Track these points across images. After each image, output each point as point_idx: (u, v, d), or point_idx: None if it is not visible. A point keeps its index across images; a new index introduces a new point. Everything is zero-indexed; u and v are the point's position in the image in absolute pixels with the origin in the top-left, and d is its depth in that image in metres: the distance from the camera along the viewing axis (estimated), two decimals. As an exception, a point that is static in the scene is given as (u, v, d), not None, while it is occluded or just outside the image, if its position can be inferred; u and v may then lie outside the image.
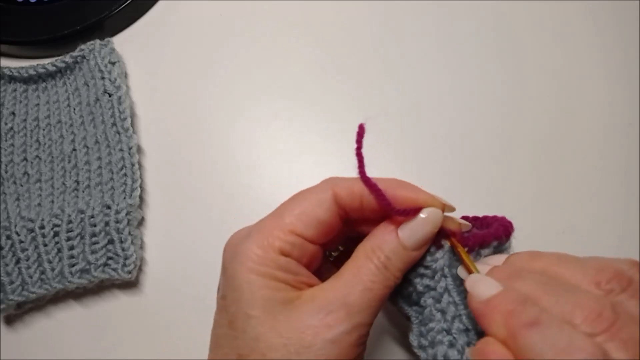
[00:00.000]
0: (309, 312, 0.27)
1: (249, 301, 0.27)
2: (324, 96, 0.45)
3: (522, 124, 0.43)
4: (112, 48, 0.45)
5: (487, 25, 0.47)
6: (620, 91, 0.44)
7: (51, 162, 0.42)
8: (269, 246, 0.28)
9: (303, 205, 0.29)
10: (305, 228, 0.28)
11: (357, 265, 0.28)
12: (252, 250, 0.28)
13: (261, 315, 0.27)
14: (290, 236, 0.28)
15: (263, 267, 0.27)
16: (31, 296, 0.38)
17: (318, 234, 0.29)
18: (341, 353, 0.26)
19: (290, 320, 0.26)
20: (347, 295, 0.27)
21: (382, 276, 0.28)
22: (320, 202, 0.29)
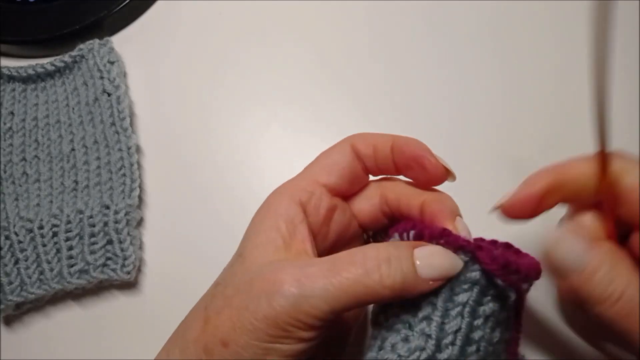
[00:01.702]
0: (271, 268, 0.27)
1: (247, 241, 0.30)
2: (324, 96, 0.45)
3: (521, 125, 0.43)
4: (111, 47, 0.45)
5: (485, 25, 0.46)
6: (621, 91, 0.44)
7: (50, 162, 0.42)
8: (288, 196, 0.30)
9: (324, 157, 0.31)
10: (327, 177, 0.30)
11: (346, 253, 0.27)
12: (274, 199, 0.30)
13: (246, 256, 0.29)
14: (311, 185, 0.30)
15: (274, 216, 0.29)
16: (30, 297, 0.38)
17: (341, 180, 0.31)
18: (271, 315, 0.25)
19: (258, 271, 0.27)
20: (310, 267, 0.26)
21: (362, 270, 0.25)
22: (340, 150, 0.31)
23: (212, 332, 0.27)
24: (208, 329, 0.27)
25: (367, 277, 0.25)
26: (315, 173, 0.31)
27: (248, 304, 0.26)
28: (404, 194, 0.31)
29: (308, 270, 0.25)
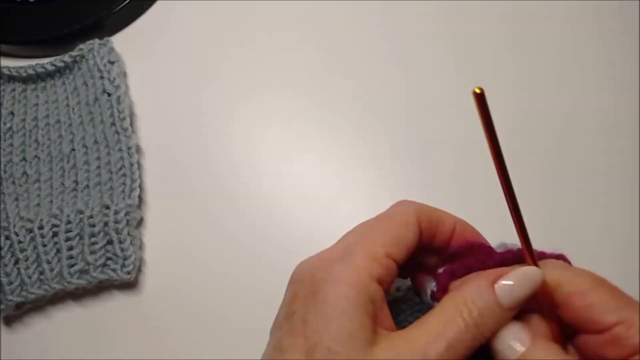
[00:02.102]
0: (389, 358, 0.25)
1: (335, 334, 0.25)
2: (325, 96, 0.45)
3: (527, 125, 0.43)
4: (111, 47, 0.45)
5: (491, 26, 0.46)
6: (623, 92, 0.44)
7: (50, 162, 0.42)
8: (369, 272, 0.26)
9: (394, 226, 0.28)
10: (398, 251, 0.27)
11: (445, 317, 0.26)
12: (351, 274, 0.26)
13: (342, 352, 0.25)
14: (386, 260, 0.27)
15: (358, 294, 0.26)
16: (30, 297, 0.38)
17: (405, 257, 0.28)
18: None
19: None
20: (427, 349, 0.25)
21: (469, 335, 0.25)
22: (409, 225, 0.28)
23: None
24: None
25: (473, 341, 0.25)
26: (387, 244, 0.27)
27: None
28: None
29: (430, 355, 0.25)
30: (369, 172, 0.43)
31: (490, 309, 0.26)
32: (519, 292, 0.26)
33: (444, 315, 0.26)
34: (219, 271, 0.40)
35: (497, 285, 0.26)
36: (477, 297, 0.26)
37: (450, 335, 0.25)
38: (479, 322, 0.25)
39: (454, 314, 0.26)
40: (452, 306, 0.26)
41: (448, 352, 0.25)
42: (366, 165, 0.43)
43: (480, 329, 0.25)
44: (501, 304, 0.26)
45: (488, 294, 0.26)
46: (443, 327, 0.25)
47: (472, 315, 0.25)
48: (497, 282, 0.26)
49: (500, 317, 0.26)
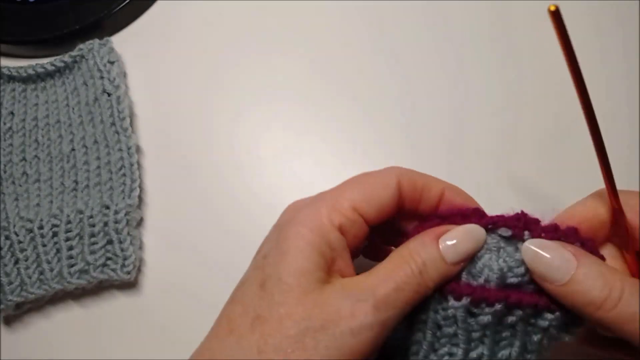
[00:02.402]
0: (338, 296, 0.26)
1: (289, 268, 0.27)
2: (325, 96, 0.45)
3: (522, 123, 0.43)
4: (111, 47, 0.45)
5: (486, 25, 0.46)
6: (621, 91, 0.44)
7: (50, 162, 0.42)
8: (329, 218, 0.28)
9: (369, 184, 0.29)
10: (367, 207, 0.29)
11: (392, 265, 0.27)
12: (310, 218, 0.28)
13: (294, 285, 0.26)
14: (351, 212, 0.28)
15: (316, 237, 0.27)
16: (30, 297, 0.38)
17: (377, 216, 0.29)
18: (357, 346, 0.26)
19: (318, 299, 0.26)
20: (377, 288, 0.26)
21: (415, 280, 0.27)
22: (386, 186, 0.29)
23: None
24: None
25: (418, 287, 0.27)
26: (356, 199, 0.29)
27: (328, 342, 0.25)
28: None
29: (377, 294, 0.26)
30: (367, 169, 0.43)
31: (434, 262, 0.27)
32: (462, 249, 0.27)
33: (391, 263, 0.28)
34: (219, 271, 0.40)
35: (441, 240, 0.27)
36: (421, 249, 0.27)
37: (397, 278, 0.27)
38: (423, 271, 0.27)
39: (401, 262, 0.27)
40: (398, 256, 0.28)
41: (395, 292, 0.26)
42: (366, 165, 0.43)
43: (424, 277, 0.27)
44: (444, 259, 0.27)
45: (431, 247, 0.27)
46: (391, 271, 0.27)
47: (417, 263, 0.27)
48: (442, 237, 0.28)
49: (445, 270, 0.27)
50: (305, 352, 0.25)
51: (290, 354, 0.25)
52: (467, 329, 0.27)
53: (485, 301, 0.27)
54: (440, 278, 0.27)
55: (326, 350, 0.25)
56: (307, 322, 0.26)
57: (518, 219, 0.28)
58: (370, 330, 0.26)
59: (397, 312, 0.26)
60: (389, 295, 0.26)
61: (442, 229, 0.28)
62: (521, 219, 0.28)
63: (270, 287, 0.27)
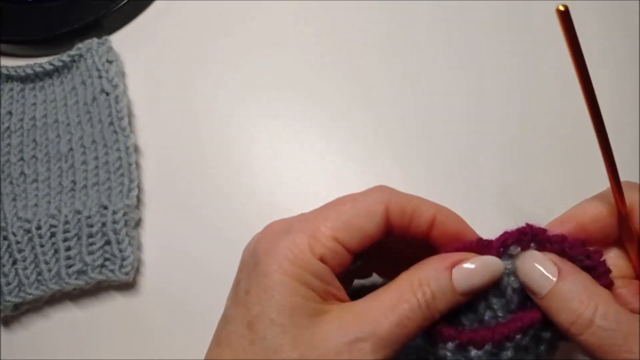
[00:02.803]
0: (334, 332, 0.25)
1: (278, 307, 0.25)
2: (325, 95, 0.45)
3: (532, 125, 0.43)
4: (110, 47, 0.45)
5: (494, 25, 0.46)
6: (619, 92, 0.44)
7: (48, 162, 0.42)
8: (310, 249, 0.26)
9: (351, 213, 0.27)
10: (349, 237, 0.27)
11: (398, 294, 0.26)
12: (291, 250, 0.26)
13: (286, 325, 0.25)
14: (332, 243, 0.27)
15: (300, 270, 0.26)
16: (28, 297, 0.38)
17: (359, 245, 0.27)
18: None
19: (313, 338, 0.25)
20: (378, 325, 0.25)
21: (421, 314, 0.25)
22: (370, 215, 0.27)
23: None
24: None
25: (424, 321, 0.26)
26: (338, 228, 0.27)
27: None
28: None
29: (379, 330, 0.25)
30: (368, 172, 0.43)
31: (444, 292, 0.26)
32: (476, 280, 0.26)
33: (398, 292, 0.26)
34: (217, 272, 0.40)
35: (455, 269, 0.26)
36: (433, 279, 0.26)
37: (401, 312, 0.25)
38: (431, 304, 0.25)
39: (408, 292, 0.26)
40: (407, 285, 0.26)
41: (398, 328, 0.25)
42: (365, 165, 0.43)
43: (431, 310, 0.25)
44: (455, 289, 0.26)
45: (444, 277, 0.26)
46: (396, 303, 0.25)
47: (425, 296, 0.25)
48: (456, 267, 0.26)
49: (453, 301, 0.26)
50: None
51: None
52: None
53: (473, 344, 0.26)
54: (447, 309, 0.26)
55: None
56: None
57: (524, 233, 0.27)
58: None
59: (397, 348, 0.25)
60: (390, 332, 0.25)
61: (458, 257, 0.27)
62: (528, 233, 0.27)
63: (262, 330, 0.25)
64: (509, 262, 0.27)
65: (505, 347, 0.26)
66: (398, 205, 0.28)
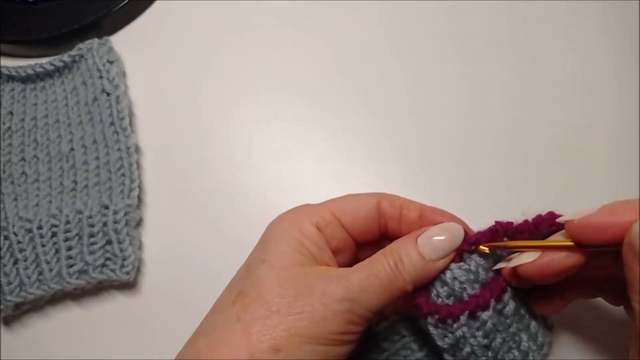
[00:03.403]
0: (314, 278, 0.29)
1: (270, 250, 0.30)
2: (324, 95, 0.45)
3: (531, 126, 0.43)
4: (110, 47, 0.45)
5: (494, 26, 0.46)
6: (619, 92, 0.44)
7: (49, 162, 0.42)
8: (307, 218, 0.31)
9: (348, 199, 0.33)
10: (344, 215, 0.32)
11: (372, 258, 0.30)
12: (291, 218, 0.32)
13: (273, 262, 0.29)
14: (328, 215, 0.31)
15: (295, 231, 0.30)
16: (29, 297, 0.38)
17: (355, 226, 0.32)
18: (329, 317, 0.28)
19: (294, 277, 0.29)
20: (350, 273, 0.29)
21: (391, 272, 0.29)
22: (364, 203, 0.32)
23: (258, 339, 0.27)
24: (251, 337, 0.28)
25: (394, 279, 0.29)
26: (334, 207, 0.32)
27: (302, 312, 0.28)
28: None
29: (351, 278, 0.29)
30: (368, 172, 0.43)
31: (410, 257, 0.29)
32: (438, 243, 0.29)
33: (372, 257, 0.30)
34: (218, 271, 0.40)
35: (420, 238, 0.30)
36: (400, 246, 0.30)
37: (373, 268, 0.29)
38: (399, 264, 0.29)
39: (379, 256, 0.30)
40: (379, 253, 0.30)
41: (368, 278, 0.29)
42: (366, 165, 0.43)
43: (400, 270, 0.29)
44: (421, 254, 0.29)
45: (410, 244, 0.29)
46: (369, 262, 0.30)
47: (394, 258, 0.29)
48: (420, 236, 0.30)
49: (421, 265, 0.29)
50: (280, 319, 0.28)
51: (266, 319, 0.28)
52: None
53: (451, 316, 0.29)
54: (417, 273, 0.29)
55: (300, 315, 0.27)
56: (283, 292, 0.28)
57: (496, 231, 0.30)
58: (339, 303, 0.28)
59: (369, 297, 0.28)
60: (361, 279, 0.28)
61: (422, 229, 0.30)
62: (499, 230, 0.30)
63: (254, 268, 0.30)
64: (478, 258, 0.30)
65: (480, 317, 0.29)
66: (389, 199, 0.32)
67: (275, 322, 0.28)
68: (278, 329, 0.27)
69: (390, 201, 0.32)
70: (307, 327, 0.27)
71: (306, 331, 0.27)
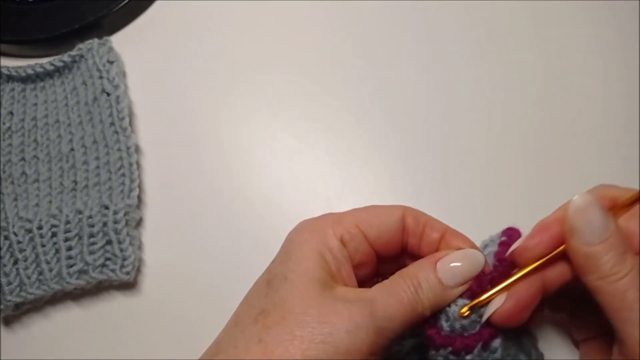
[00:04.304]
0: (337, 299, 0.28)
1: (292, 266, 0.29)
2: (324, 95, 0.45)
3: (518, 126, 0.43)
4: (110, 47, 0.45)
5: (479, 26, 0.46)
6: (619, 92, 0.44)
7: (49, 162, 0.42)
8: (331, 229, 0.30)
9: (374, 211, 0.32)
10: (370, 229, 0.31)
11: (391, 282, 0.29)
12: (315, 228, 0.31)
13: (297, 282, 0.28)
14: (353, 228, 0.30)
15: (318, 243, 0.30)
16: (29, 297, 0.38)
17: (379, 240, 0.31)
18: (352, 346, 0.27)
19: (319, 299, 0.28)
20: (375, 299, 0.28)
21: (412, 297, 0.28)
22: (390, 215, 0.31)
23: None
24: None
25: (415, 305, 0.28)
26: (360, 219, 0.31)
27: (325, 339, 0.27)
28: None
29: (377, 304, 0.28)
30: (368, 173, 0.43)
31: (430, 281, 0.29)
32: (458, 272, 0.29)
33: (391, 281, 0.29)
34: (217, 271, 0.40)
35: (439, 262, 0.29)
36: (419, 270, 0.29)
37: (395, 292, 0.28)
38: (419, 291, 0.28)
39: (399, 280, 0.29)
40: (397, 276, 0.29)
41: (393, 303, 0.28)
42: (366, 165, 0.43)
43: (420, 295, 0.28)
44: (440, 279, 0.29)
45: (428, 269, 0.29)
46: (390, 286, 0.29)
47: (413, 283, 0.28)
48: (440, 260, 0.29)
49: (439, 291, 0.29)
50: (302, 344, 0.27)
51: (289, 344, 0.27)
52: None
53: (465, 348, 0.29)
54: (436, 299, 0.29)
55: (323, 345, 0.27)
56: (307, 317, 0.27)
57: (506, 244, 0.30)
58: (365, 332, 0.27)
59: (394, 325, 0.28)
60: (387, 305, 0.28)
61: (442, 253, 0.30)
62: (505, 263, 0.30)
63: (276, 285, 0.29)
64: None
65: (492, 346, 0.29)
66: (414, 215, 0.31)
67: (297, 349, 0.27)
68: (299, 355, 0.27)
69: (415, 217, 0.31)
70: (329, 355, 0.27)
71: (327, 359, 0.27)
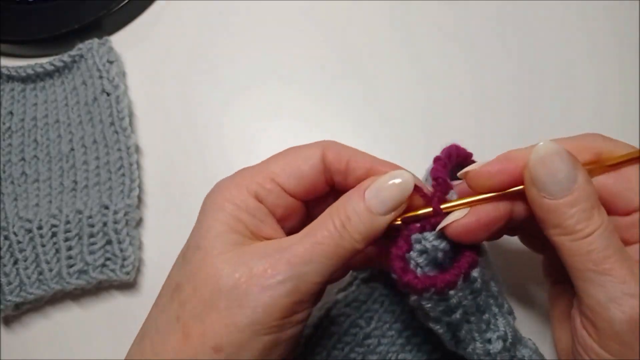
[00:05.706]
0: (253, 257, 0.26)
1: (203, 233, 0.27)
2: (325, 95, 0.45)
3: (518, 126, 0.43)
4: (110, 47, 0.45)
5: (491, 25, 0.46)
6: (621, 91, 0.44)
7: (49, 162, 0.42)
8: (245, 188, 0.28)
9: (290, 157, 0.29)
10: (286, 179, 0.29)
11: (316, 222, 0.27)
12: (227, 189, 0.29)
13: (207, 248, 0.27)
14: (268, 183, 0.29)
15: (232, 205, 0.28)
16: (29, 297, 0.38)
17: (299, 188, 0.29)
18: (270, 301, 0.25)
19: (232, 260, 0.26)
20: (294, 246, 0.26)
21: (337, 234, 0.26)
22: (307, 158, 0.29)
23: (199, 341, 0.26)
24: (192, 340, 0.26)
25: (342, 240, 0.26)
26: (275, 172, 0.29)
27: (241, 301, 0.25)
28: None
29: (293, 250, 0.26)
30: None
31: (358, 213, 0.26)
32: (386, 193, 0.27)
33: (316, 221, 0.27)
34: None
35: (367, 191, 0.27)
36: (346, 202, 0.27)
37: (317, 234, 0.26)
38: (346, 223, 0.26)
39: (325, 218, 0.27)
40: (324, 214, 0.27)
41: (313, 247, 0.26)
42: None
43: (348, 229, 0.26)
44: (369, 208, 0.26)
45: (356, 200, 0.27)
46: (311, 229, 0.27)
47: (340, 218, 0.26)
48: (367, 189, 0.27)
49: (369, 220, 0.26)
50: (219, 314, 0.25)
51: (205, 317, 0.26)
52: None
53: (448, 285, 0.26)
54: (367, 230, 0.27)
55: (240, 309, 0.25)
56: (220, 284, 0.26)
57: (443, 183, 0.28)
58: (282, 285, 0.25)
59: (317, 267, 0.26)
60: (305, 250, 0.26)
61: (368, 181, 0.27)
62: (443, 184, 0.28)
63: (189, 256, 0.28)
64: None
65: (472, 276, 0.27)
66: (335, 151, 0.29)
67: (214, 319, 0.25)
68: (218, 326, 0.25)
69: (336, 153, 0.29)
70: (249, 319, 0.25)
71: (248, 324, 0.25)
